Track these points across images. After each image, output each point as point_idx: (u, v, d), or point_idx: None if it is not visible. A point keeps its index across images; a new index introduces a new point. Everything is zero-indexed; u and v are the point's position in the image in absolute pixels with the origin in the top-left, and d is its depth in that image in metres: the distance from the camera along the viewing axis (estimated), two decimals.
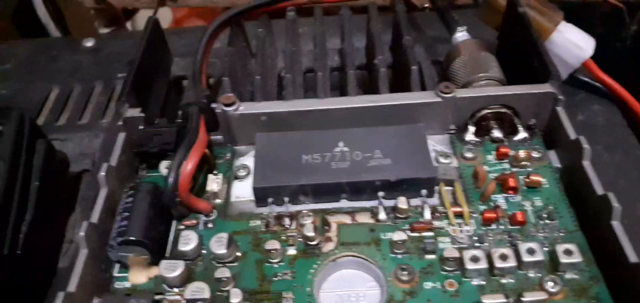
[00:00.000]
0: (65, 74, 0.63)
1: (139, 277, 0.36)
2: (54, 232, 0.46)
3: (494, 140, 0.41)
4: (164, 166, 0.39)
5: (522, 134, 0.41)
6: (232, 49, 0.45)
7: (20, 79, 0.63)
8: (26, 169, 0.43)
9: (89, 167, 0.52)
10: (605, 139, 0.49)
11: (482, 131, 0.42)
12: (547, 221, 0.36)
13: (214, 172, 0.41)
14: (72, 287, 0.33)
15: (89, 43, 0.66)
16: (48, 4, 0.86)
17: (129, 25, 0.92)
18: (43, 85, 0.61)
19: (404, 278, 0.34)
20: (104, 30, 0.79)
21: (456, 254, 0.34)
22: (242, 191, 0.40)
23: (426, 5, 0.67)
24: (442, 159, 0.40)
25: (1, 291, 0.38)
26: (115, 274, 0.36)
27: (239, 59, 0.46)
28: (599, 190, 0.35)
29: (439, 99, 0.40)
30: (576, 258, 0.33)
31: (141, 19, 0.89)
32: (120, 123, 0.41)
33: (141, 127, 0.42)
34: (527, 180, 0.38)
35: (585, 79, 0.53)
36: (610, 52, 0.66)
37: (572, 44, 0.50)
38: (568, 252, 0.33)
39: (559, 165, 0.40)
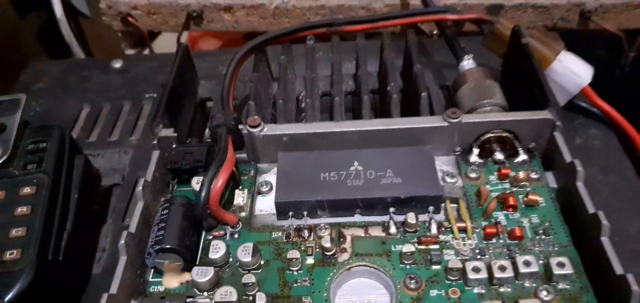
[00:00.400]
0: (95, 93, 0.67)
1: (172, 281, 0.39)
2: (89, 241, 0.50)
3: (496, 162, 0.45)
4: (195, 182, 0.43)
5: (522, 157, 0.45)
6: (256, 75, 0.49)
7: (53, 96, 0.67)
8: (67, 183, 0.47)
9: (119, 181, 0.56)
10: (601, 162, 0.53)
11: (486, 153, 0.45)
12: (543, 236, 0.40)
13: (240, 187, 0.45)
14: (113, 289, 0.37)
15: (118, 64, 0.70)
16: (72, 25, 0.91)
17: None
18: (75, 103, 0.66)
19: (412, 286, 0.37)
20: (129, 51, 0.83)
21: (459, 265, 0.37)
22: (265, 205, 0.44)
23: (435, 32, 0.72)
24: (448, 179, 0.43)
25: (45, 294, 0.42)
26: (150, 279, 0.40)
27: (262, 83, 0.51)
28: (591, 208, 0.38)
29: (446, 124, 0.44)
30: (568, 270, 0.37)
31: (162, 40, 0.94)
32: (154, 142, 0.45)
33: (174, 145, 0.46)
34: (526, 199, 0.42)
35: (584, 105, 0.57)
36: (609, 78, 0.70)
37: (572, 72, 0.53)
38: (561, 264, 0.37)
39: (555, 185, 0.44)
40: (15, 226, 0.42)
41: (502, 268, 0.37)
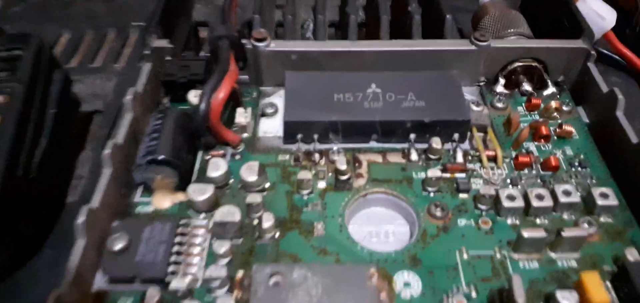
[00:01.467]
0: (77, 19, 0.61)
1: (163, 201, 0.34)
2: (65, 165, 0.45)
3: (523, 93, 0.41)
4: (193, 95, 0.38)
5: (551, 89, 0.41)
6: None
7: (30, 21, 0.61)
8: (43, 96, 0.42)
9: (100, 108, 0.51)
10: (622, 110, 0.49)
11: (512, 84, 0.41)
12: (580, 168, 0.36)
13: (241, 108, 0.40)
14: (95, 202, 0.32)
15: None
16: None
17: None
18: (54, 28, 0.60)
19: (438, 214, 0.33)
20: None
21: (492, 192, 0.33)
22: (270, 126, 0.39)
23: None
24: (474, 107, 0.39)
25: (12, 214, 0.37)
26: (137, 199, 0.35)
27: (267, 3, 0.46)
28: (634, 138, 0.35)
29: (474, 48, 0.40)
30: (612, 201, 0.33)
31: None
32: (147, 52, 0.40)
33: (168, 58, 0.41)
34: (559, 130, 0.38)
35: (605, 51, 0.53)
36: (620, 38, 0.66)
37: (596, 14, 0.50)
38: (604, 195, 0.33)
39: (587, 120, 0.40)
40: None
41: (540, 197, 0.33)
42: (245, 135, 0.38)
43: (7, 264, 0.37)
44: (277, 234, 0.32)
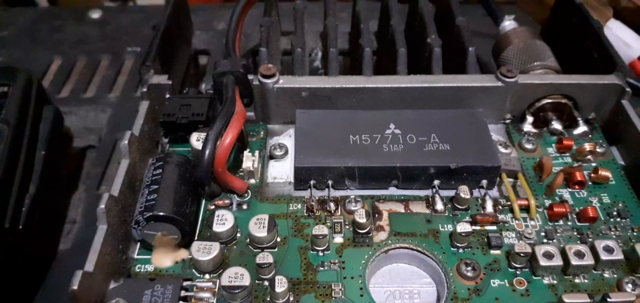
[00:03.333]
0: (69, 44, 0.58)
1: (164, 260, 0.31)
2: (56, 210, 0.41)
3: (553, 132, 0.38)
4: (195, 139, 0.34)
5: (582, 128, 0.38)
6: (268, 20, 0.41)
7: (18, 47, 0.58)
8: (32, 136, 0.39)
9: (94, 143, 0.48)
10: None
11: (540, 122, 0.38)
12: (619, 219, 0.33)
13: (247, 150, 0.37)
14: (90, 265, 0.28)
15: (96, 14, 0.61)
16: None
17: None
18: (44, 55, 0.57)
19: (469, 273, 0.30)
20: (109, 3, 0.74)
21: (527, 250, 0.30)
22: (279, 171, 0.36)
23: None
24: (502, 149, 0.36)
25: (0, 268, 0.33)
26: (135, 256, 0.32)
27: (273, 32, 0.42)
28: None
29: (500, 84, 0.37)
30: None
31: None
32: (144, 89, 0.37)
33: (167, 95, 0.38)
34: (594, 175, 0.35)
35: (631, 81, 0.50)
36: None
37: (621, 41, 0.47)
38: None
39: (622, 162, 0.37)
40: None
41: (580, 255, 0.30)
42: (252, 181, 0.35)
43: None
44: (291, 298, 0.29)
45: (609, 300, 0.28)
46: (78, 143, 0.47)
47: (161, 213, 0.30)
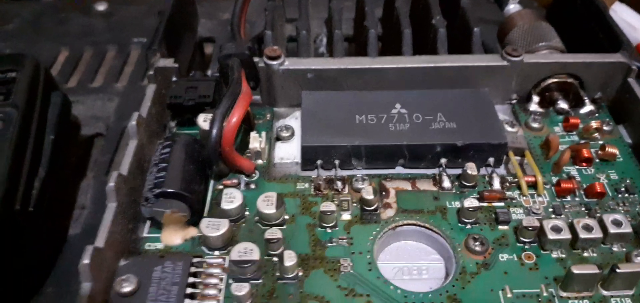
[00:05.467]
0: (75, 36, 0.58)
1: (173, 237, 0.31)
2: (65, 195, 0.42)
3: (559, 112, 0.38)
4: (202, 119, 0.35)
5: (588, 107, 0.38)
6: (272, 3, 0.41)
7: (24, 39, 0.58)
8: (40, 121, 0.39)
9: (102, 131, 0.48)
10: None
11: (546, 102, 0.38)
12: (627, 194, 0.33)
13: (254, 131, 0.37)
14: (100, 241, 0.28)
15: (101, 7, 0.61)
16: None
17: None
18: (51, 46, 0.57)
19: (477, 248, 0.30)
20: None
21: (535, 224, 0.30)
22: (286, 152, 0.36)
23: None
24: (508, 128, 0.36)
25: (10, 251, 0.34)
26: (145, 234, 0.32)
27: (278, 17, 0.43)
28: None
29: (505, 63, 0.37)
30: None
31: None
32: (151, 72, 0.37)
33: (174, 78, 0.38)
34: (601, 153, 0.35)
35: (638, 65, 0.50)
36: None
37: (627, 24, 0.47)
38: None
39: (629, 140, 0.37)
40: None
41: (588, 228, 0.30)
42: (259, 162, 0.35)
43: None
44: (300, 272, 0.29)
45: (617, 270, 0.28)
46: (86, 131, 0.47)
47: (170, 190, 0.30)
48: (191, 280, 0.29)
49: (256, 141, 0.35)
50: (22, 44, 0.57)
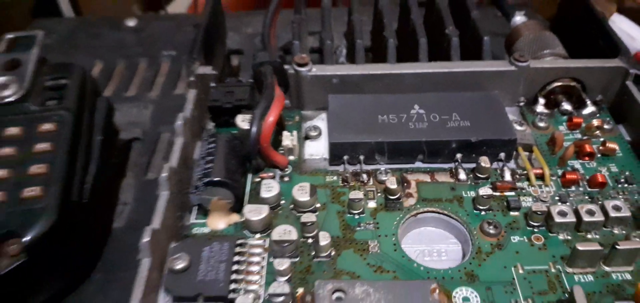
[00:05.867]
0: (108, 50, 0.62)
1: (218, 222, 0.35)
2: (110, 191, 0.45)
3: (564, 113, 0.42)
4: (240, 120, 0.38)
5: (590, 109, 0.42)
6: (299, 17, 0.45)
7: (61, 53, 0.62)
8: (89, 123, 0.43)
9: (139, 136, 0.52)
10: None
11: (551, 104, 0.42)
12: (626, 184, 0.37)
13: (286, 131, 0.40)
14: (156, 223, 0.32)
15: (131, 23, 0.66)
16: None
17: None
18: (86, 59, 0.61)
19: (492, 231, 0.34)
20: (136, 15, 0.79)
21: (543, 208, 0.34)
22: (315, 149, 0.40)
23: None
24: (517, 126, 0.40)
25: (66, 239, 0.37)
26: (193, 221, 0.36)
27: (303, 29, 0.47)
28: None
29: (513, 68, 0.41)
30: None
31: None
32: (191, 79, 0.41)
33: (212, 84, 0.42)
34: (602, 148, 0.38)
35: (635, 71, 0.54)
36: None
37: (625, 34, 0.51)
38: None
39: (628, 138, 0.40)
40: (34, 162, 0.37)
41: (591, 213, 0.33)
42: (291, 158, 0.39)
43: (61, 289, 0.37)
44: (333, 252, 0.33)
45: (618, 247, 0.31)
46: (124, 136, 0.51)
47: (217, 178, 0.34)
48: (236, 258, 0.32)
49: (288, 139, 0.39)
50: (60, 57, 0.61)
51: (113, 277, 0.40)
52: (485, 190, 0.35)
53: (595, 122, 0.39)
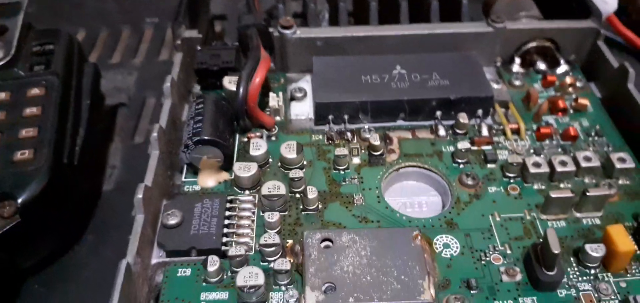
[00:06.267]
0: (90, 18, 0.62)
1: (209, 180, 0.36)
2: (99, 155, 0.46)
3: (538, 72, 0.43)
4: (227, 81, 0.39)
5: (563, 67, 0.44)
6: None
7: (42, 22, 0.61)
8: (77, 88, 0.43)
9: (125, 101, 0.52)
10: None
11: (526, 63, 0.44)
12: (596, 137, 0.39)
13: (272, 92, 0.42)
14: (148, 180, 0.33)
15: None
16: None
17: None
18: (69, 28, 0.60)
19: (469, 182, 0.35)
20: None
21: (519, 160, 0.36)
22: (300, 109, 0.41)
23: None
24: (493, 84, 0.41)
25: (58, 200, 0.38)
26: (183, 179, 0.37)
27: None
28: None
29: (490, 29, 0.42)
30: (630, 164, 0.35)
31: None
32: (178, 42, 0.42)
33: (198, 48, 0.43)
34: (575, 104, 0.40)
35: (607, 33, 0.56)
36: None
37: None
38: (622, 160, 0.36)
39: (599, 95, 0.42)
40: (24, 126, 0.38)
41: (563, 163, 0.35)
42: (278, 118, 0.40)
43: (54, 250, 0.38)
44: (320, 205, 0.34)
45: (588, 194, 0.33)
46: (110, 101, 0.52)
47: (207, 137, 0.35)
48: (228, 213, 0.33)
49: (274, 100, 0.40)
50: (43, 25, 0.61)
51: (105, 238, 0.41)
52: (463, 144, 0.36)
53: (568, 80, 0.41)
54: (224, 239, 0.32)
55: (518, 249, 0.32)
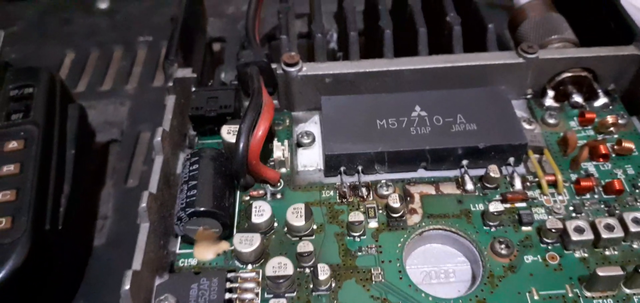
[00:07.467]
0: (80, 37, 0.58)
1: (206, 253, 0.32)
2: (88, 206, 0.42)
3: (574, 105, 0.39)
4: (226, 132, 0.35)
5: (602, 100, 0.39)
6: (285, 5, 0.41)
7: (30, 41, 0.58)
8: (61, 136, 0.39)
9: (117, 137, 0.48)
10: None
11: (560, 95, 0.39)
12: None
13: (275, 139, 0.37)
14: (137, 264, 0.29)
15: (104, 4, 0.61)
16: None
17: None
18: (56, 49, 0.57)
19: (503, 251, 0.31)
20: None
21: (559, 225, 0.31)
22: (308, 159, 0.37)
23: None
24: (526, 125, 0.37)
25: (42, 270, 0.34)
26: (177, 250, 0.33)
27: (290, 17, 0.43)
28: None
29: (521, 60, 0.37)
30: None
31: None
32: (170, 84, 0.37)
33: (193, 89, 0.38)
34: (617, 147, 0.36)
35: None
36: None
37: (635, 8, 0.47)
38: None
39: None
40: (1, 188, 0.34)
41: (610, 228, 0.31)
42: (283, 170, 0.36)
43: None
44: (333, 284, 0.30)
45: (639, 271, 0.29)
46: (101, 138, 0.48)
47: (203, 209, 0.31)
48: (228, 296, 0.29)
49: (279, 150, 0.36)
50: (29, 46, 0.57)
51: (96, 300, 0.38)
52: (495, 206, 0.32)
53: (610, 119, 0.37)
54: None
55: None
